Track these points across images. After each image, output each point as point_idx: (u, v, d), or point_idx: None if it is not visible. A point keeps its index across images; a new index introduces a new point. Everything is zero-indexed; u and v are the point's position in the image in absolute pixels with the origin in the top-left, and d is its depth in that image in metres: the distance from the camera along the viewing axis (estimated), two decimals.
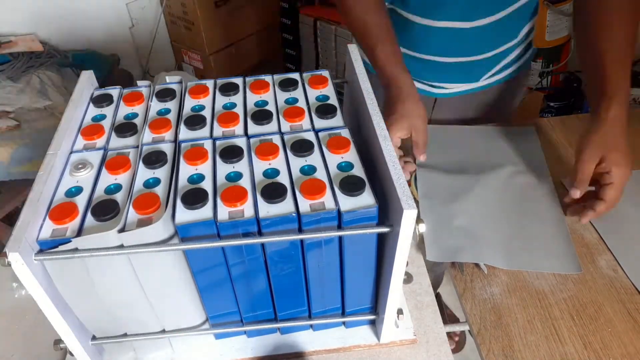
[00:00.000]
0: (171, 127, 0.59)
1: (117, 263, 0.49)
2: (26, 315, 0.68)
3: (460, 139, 0.92)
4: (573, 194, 0.73)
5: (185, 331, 0.59)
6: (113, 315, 0.54)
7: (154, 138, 0.58)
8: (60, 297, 0.50)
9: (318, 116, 0.59)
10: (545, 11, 1.79)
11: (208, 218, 0.47)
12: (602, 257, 0.73)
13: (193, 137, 0.57)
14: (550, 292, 0.69)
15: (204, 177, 0.51)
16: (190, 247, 0.47)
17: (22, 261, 0.43)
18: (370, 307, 0.61)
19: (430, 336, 0.63)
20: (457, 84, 0.96)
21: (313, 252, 0.51)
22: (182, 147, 0.55)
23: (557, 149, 0.92)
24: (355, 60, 0.64)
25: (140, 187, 0.51)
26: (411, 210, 0.45)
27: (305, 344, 0.62)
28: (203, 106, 0.62)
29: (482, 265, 0.71)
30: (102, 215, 0.48)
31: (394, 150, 0.51)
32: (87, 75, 0.66)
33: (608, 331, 0.64)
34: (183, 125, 0.59)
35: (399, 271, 0.51)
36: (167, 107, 0.62)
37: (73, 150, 0.57)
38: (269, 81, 0.65)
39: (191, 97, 0.63)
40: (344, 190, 0.49)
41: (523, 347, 0.63)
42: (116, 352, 0.60)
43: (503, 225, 0.75)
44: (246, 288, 0.55)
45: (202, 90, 0.63)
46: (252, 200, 0.49)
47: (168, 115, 0.61)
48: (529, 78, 1.05)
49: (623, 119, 0.69)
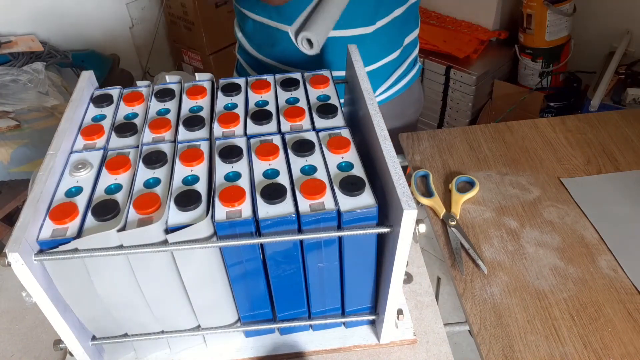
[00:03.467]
0: (171, 127, 0.59)
1: (117, 263, 0.49)
2: (26, 316, 0.68)
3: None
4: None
5: (185, 331, 0.59)
6: (113, 316, 0.54)
7: (154, 138, 0.58)
8: (60, 297, 0.50)
9: (319, 116, 0.59)
10: (545, 11, 1.79)
11: (201, 219, 0.47)
12: (602, 257, 0.73)
13: (191, 137, 0.57)
14: (550, 292, 0.69)
15: (198, 178, 0.52)
16: (190, 247, 0.47)
17: (22, 261, 0.43)
18: (370, 307, 0.61)
19: (430, 336, 0.63)
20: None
21: (312, 252, 0.51)
22: (179, 148, 0.55)
23: (557, 149, 0.92)
24: (355, 61, 0.64)
25: (141, 187, 0.51)
26: (411, 211, 0.45)
27: (305, 344, 0.62)
28: (201, 107, 0.62)
29: (482, 265, 0.71)
30: (102, 215, 0.48)
31: (394, 150, 0.51)
32: (87, 75, 0.66)
33: (608, 331, 0.64)
34: (181, 126, 0.59)
35: (399, 271, 0.51)
36: (166, 107, 0.62)
37: (73, 150, 0.57)
38: (270, 81, 0.65)
39: (189, 98, 0.63)
40: (344, 190, 0.49)
41: (523, 347, 0.63)
42: (116, 352, 0.60)
43: None
44: (245, 288, 0.55)
45: (199, 91, 0.64)
46: (251, 201, 0.49)
47: (168, 115, 0.61)
48: (421, 90, 1.05)
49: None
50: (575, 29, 1.90)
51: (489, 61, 1.94)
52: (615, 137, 0.94)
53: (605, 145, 0.92)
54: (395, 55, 0.90)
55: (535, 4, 1.79)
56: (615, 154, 0.90)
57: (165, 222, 0.47)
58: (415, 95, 1.02)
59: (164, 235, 0.47)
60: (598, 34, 1.91)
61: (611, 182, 0.84)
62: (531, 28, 1.86)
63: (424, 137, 0.95)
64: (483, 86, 1.95)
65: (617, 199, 0.81)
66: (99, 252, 0.46)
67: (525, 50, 1.93)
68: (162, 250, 0.47)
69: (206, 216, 0.47)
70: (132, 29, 2.21)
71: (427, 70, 1.97)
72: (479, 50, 1.93)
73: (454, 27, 2.01)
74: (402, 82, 0.96)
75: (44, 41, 1.83)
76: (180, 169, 0.53)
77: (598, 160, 0.89)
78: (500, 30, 1.99)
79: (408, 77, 0.97)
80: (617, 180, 0.85)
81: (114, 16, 2.13)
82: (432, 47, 1.93)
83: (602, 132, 0.95)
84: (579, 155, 0.90)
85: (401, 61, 0.94)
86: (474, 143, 0.94)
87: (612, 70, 1.71)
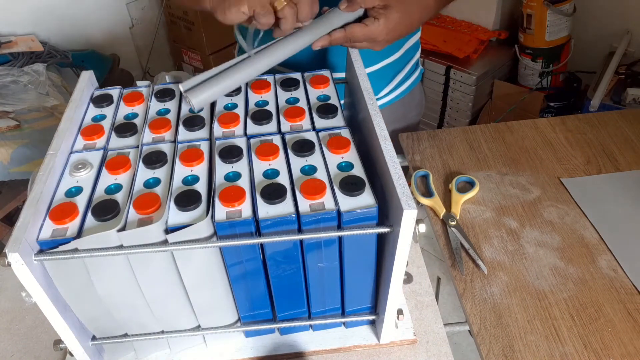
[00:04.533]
0: (171, 127, 0.59)
1: (117, 263, 0.49)
2: (26, 316, 0.68)
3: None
4: (341, 4, 0.65)
5: (185, 331, 0.59)
6: (113, 316, 0.54)
7: (154, 138, 0.58)
8: (60, 297, 0.50)
9: (319, 116, 0.59)
10: (545, 11, 1.79)
11: (201, 219, 0.47)
12: (602, 257, 0.73)
13: (191, 137, 0.57)
14: (550, 292, 0.69)
15: (198, 178, 0.52)
16: (190, 247, 0.47)
17: (22, 261, 0.43)
18: (370, 307, 0.61)
19: (430, 336, 0.63)
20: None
21: (312, 252, 0.51)
22: (179, 148, 0.55)
23: (557, 149, 0.92)
24: (355, 60, 0.64)
25: (141, 187, 0.51)
26: (411, 211, 0.45)
27: (305, 344, 0.62)
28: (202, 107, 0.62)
29: (482, 265, 0.71)
30: (102, 215, 0.48)
31: (394, 150, 0.51)
32: (87, 75, 0.66)
33: (608, 331, 0.64)
34: (181, 126, 0.59)
35: (399, 271, 0.51)
36: (166, 107, 0.62)
37: (73, 151, 0.57)
38: (270, 81, 0.65)
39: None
40: (344, 190, 0.49)
41: (523, 347, 0.63)
42: (116, 352, 0.60)
43: None
44: (245, 288, 0.55)
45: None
46: (251, 201, 0.49)
47: (168, 115, 0.61)
48: (422, 93, 1.06)
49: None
50: (575, 29, 1.90)
51: (489, 61, 1.94)
52: (615, 137, 0.94)
53: (605, 145, 0.92)
54: (395, 57, 0.90)
55: (535, 4, 1.79)
56: (615, 154, 0.90)
57: (165, 222, 0.47)
58: (417, 98, 1.02)
59: (164, 235, 0.47)
60: (598, 34, 1.91)
61: (611, 182, 0.84)
62: (531, 28, 1.86)
63: (424, 137, 0.95)
64: (483, 86, 1.95)
65: (617, 199, 0.81)
66: (99, 252, 0.46)
67: (525, 50, 1.93)
68: (162, 250, 0.47)
69: (206, 216, 0.47)
70: (132, 29, 2.21)
71: (427, 70, 1.97)
72: (479, 50, 1.93)
73: (454, 27, 2.01)
74: (404, 86, 0.96)
75: (44, 41, 1.83)
76: (180, 169, 0.53)
77: (598, 160, 0.89)
78: (500, 30, 1.99)
79: (410, 80, 0.97)
80: (617, 180, 0.85)
81: (114, 16, 2.13)
82: (432, 47, 1.93)
83: (602, 132, 0.95)
84: (579, 155, 0.90)
85: (402, 64, 0.94)
86: (474, 143, 0.94)
87: (612, 70, 1.71)
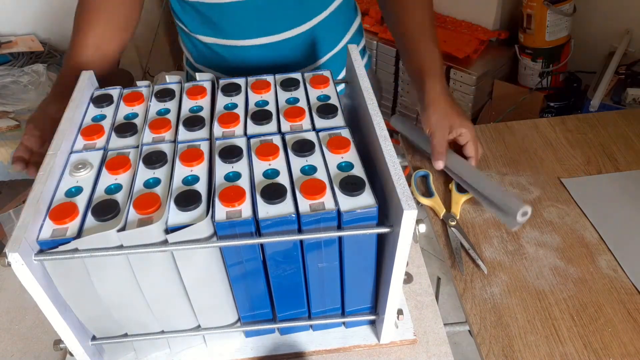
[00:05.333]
0: (171, 127, 0.59)
1: (117, 263, 0.49)
2: (26, 316, 0.68)
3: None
4: (437, 166, 0.82)
5: (185, 331, 0.59)
6: (113, 316, 0.54)
7: (154, 138, 0.58)
8: (60, 297, 0.50)
9: (319, 116, 0.59)
10: (545, 11, 1.79)
11: (201, 219, 0.47)
12: (602, 257, 0.73)
13: (191, 137, 0.57)
14: (550, 292, 0.69)
15: (198, 178, 0.52)
16: (190, 247, 0.47)
17: (22, 261, 0.43)
18: (370, 307, 0.61)
19: (430, 336, 0.63)
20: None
21: (312, 252, 0.51)
22: (179, 148, 0.55)
23: (557, 149, 0.92)
24: (355, 60, 0.64)
25: (141, 187, 0.51)
26: (411, 211, 0.45)
27: (305, 344, 0.62)
28: (201, 107, 0.62)
29: (482, 265, 0.71)
30: (102, 215, 0.48)
31: (394, 150, 0.51)
32: (87, 75, 0.66)
33: (608, 331, 0.64)
34: (181, 126, 0.59)
35: (399, 271, 0.51)
36: (166, 107, 0.62)
37: (73, 151, 0.57)
38: (270, 81, 0.65)
39: (189, 98, 0.63)
40: (344, 190, 0.49)
41: (523, 347, 0.63)
42: (116, 352, 0.60)
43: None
44: (245, 288, 0.55)
45: (199, 91, 0.64)
46: (251, 201, 0.49)
47: (168, 115, 0.61)
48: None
49: (447, 89, 0.80)
50: (575, 29, 1.89)
51: (489, 61, 1.94)
52: (615, 137, 0.94)
53: (605, 145, 0.92)
54: (339, 47, 0.90)
55: (535, 4, 1.79)
56: (615, 154, 0.90)
57: (165, 222, 0.47)
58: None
59: (164, 235, 0.47)
60: (598, 34, 1.91)
61: (611, 182, 0.84)
62: (531, 28, 1.85)
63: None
64: (483, 86, 1.94)
65: (617, 199, 0.81)
66: (99, 252, 0.46)
67: (525, 50, 1.92)
68: (162, 250, 0.47)
69: (206, 216, 0.47)
70: None
71: None
72: (479, 50, 1.93)
73: (454, 27, 2.00)
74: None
75: (44, 41, 1.83)
76: (180, 169, 0.53)
77: (598, 160, 0.89)
78: (500, 30, 1.99)
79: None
80: (617, 180, 0.85)
81: None
82: None
83: (602, 132, 0.95)
84: (579, 155, 0.90)
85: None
86: None
87: (612, 70, 1.71)
